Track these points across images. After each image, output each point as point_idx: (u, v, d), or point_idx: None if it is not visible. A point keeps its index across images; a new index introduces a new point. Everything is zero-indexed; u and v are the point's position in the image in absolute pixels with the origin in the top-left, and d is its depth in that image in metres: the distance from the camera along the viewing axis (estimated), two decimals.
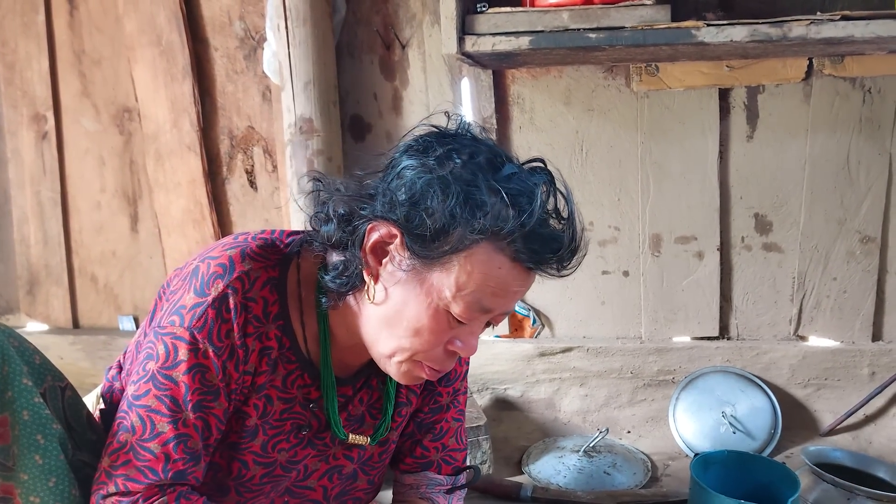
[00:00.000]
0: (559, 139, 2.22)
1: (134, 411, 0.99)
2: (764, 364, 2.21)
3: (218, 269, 1.00)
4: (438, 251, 0.93)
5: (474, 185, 0.93)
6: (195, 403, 0.99)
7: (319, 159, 2.09)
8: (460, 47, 1.83)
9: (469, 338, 1.03)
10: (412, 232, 0.94)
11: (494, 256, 0.94)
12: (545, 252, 0.96)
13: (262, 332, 1.03)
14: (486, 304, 0.97)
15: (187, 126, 2.35)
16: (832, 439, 2.15)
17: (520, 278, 0.97)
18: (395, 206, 0.94)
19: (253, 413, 1.07)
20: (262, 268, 1.03)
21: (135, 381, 1.01)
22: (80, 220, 2.54)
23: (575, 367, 2.27)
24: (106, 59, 2.40)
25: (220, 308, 0.98)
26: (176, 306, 1.00)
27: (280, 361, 1.07)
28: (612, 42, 1.76)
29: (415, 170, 0.95)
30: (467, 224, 0.91)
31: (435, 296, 0.96)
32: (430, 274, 0.96)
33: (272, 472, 1.14)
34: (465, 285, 0.95)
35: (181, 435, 0.98)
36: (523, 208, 0.92)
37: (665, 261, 2.24)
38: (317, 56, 2.06)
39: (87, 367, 2.53)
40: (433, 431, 1.30)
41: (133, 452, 0.98)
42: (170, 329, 0.99)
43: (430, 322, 0.98)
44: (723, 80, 2.10)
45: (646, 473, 2.02)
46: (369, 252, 0.98)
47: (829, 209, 2.14)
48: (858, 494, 1.49)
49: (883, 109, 2.06)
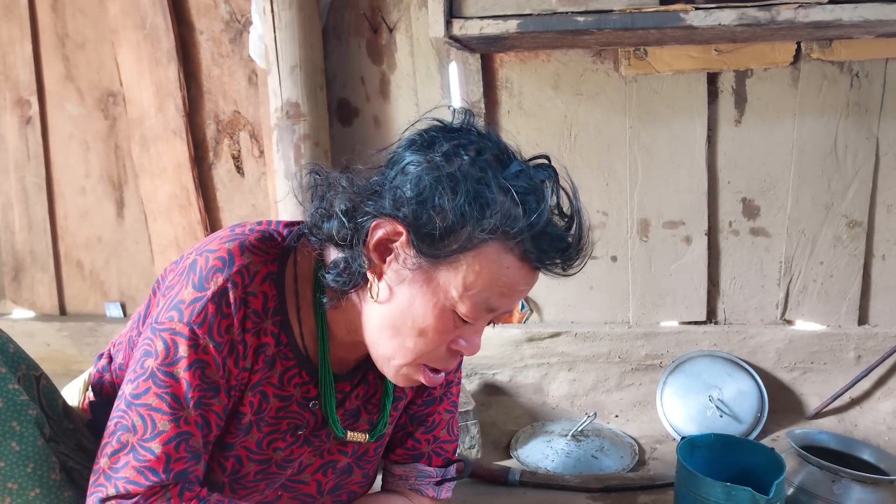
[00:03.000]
0: (547, 124, 2.21)
1: (134, 410, 0.96)
2: (751, 348, 2.22)
3: (217, 263, 0.98)
4: (446, 250, 0.92)
5: (483, 183, 0.91)
6: (196, 400, 0.96)
7: (306, 144, 2.07)
8: (448, 31, 1.81)
9: (473, 337, 1.01)
10: (419, 230, 0.91)
11: (503, 256, 0.93)
12: (553, 251, 0.95)
13: (260, 327, 1.01)
14: (493, 304, 0.96)
15: (173, 110, 2.33)
16: (818, 422, 2.17)
17: (527, 278, 0.96)
18: (402, 204, 0.92)
19: (247, 410, 1.06)
20: (262, 262, 1.01)
21: (132, 380, 0.98)
22: (65, 205, 2.52)
23: (563, 352, 2.28)
24: (90, 43, 2.38)
25: (221, 303, 0.96)
26: (174, 301, 0.97)
27: (277, 358, 1.06)
28: (600, 25, 1.76)
29: (420, 166, 0.93)
30: (477, 223, 0.90)
31: (441, 295, 0.95)
32: (437, 273, 0.94)
33: (267, 470, 1.12)
34: (472, 285, 0.93)
35: (183, 433, 0.96)
36: (532, 207, 0.91)
37: (653, 245, 2.25)
38: (303, 39, 2.05)
39: (74, 353, 2.52)
40: (425, 424, 1.29)
41: (133, 453, 0.95)
42: (168, 325, 0.96)
43: (435, 322, 0.96)
44: (711, 65, 2.10)
45: (633, 457, 2.03)
46: (373, 250, 0.96)
47: (816, 193, 2.15)
48: (843, 477, 1.50)
49: (870, 94, 2.07)
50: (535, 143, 2.21)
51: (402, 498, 1.30)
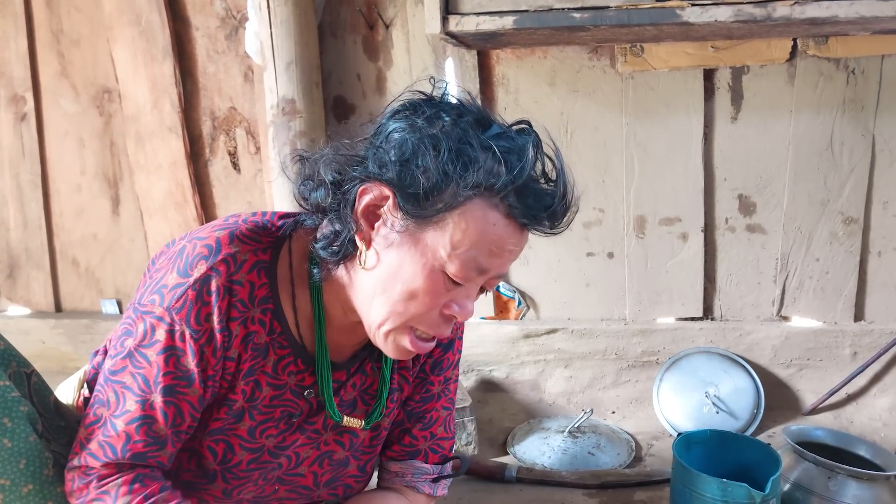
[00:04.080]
0: (544, 120, 2.17)
1: (109, 386, 0.98)
2: (747, 344, 2.22)
3: (203, 251, 0.98)
4: (432, 209, 0.92)
5: (465, 141, 0.93)
6: (165, 387, 0.97)
7: (302, 141, 2.07)
8: (444, 27, 1.81)
9: (465, 301, 1.01)
10: (405, 191, 0.92)
11: (488, 213, 0.93)
12: (538, 207, 0.95)
13: (247, 316, 1.01)
14: (482, 263, 0.96)
15: (168, 107, 2.32)
16: (814, 418, 2.17)
17: (514, 236, 0.97)
18: (386, 166, 0.94)
19: (239, 398, 1.06)
20: (251, 251, 1.01)
21: (112, 357, 1.00)
22: (60, 202, 2.52)
23: (559, 349, 2.28)
24: (85, 39, 2.37)
25: (202, 290, 0.96)
26: (158, 285, 0.98)
27: (271, 346, 1.05)
28: (596, 22, 1.76)
29: (404, 130, 0.95)
30: (460, 180, 0.91)
31: (430, 255, 0.95)
32: (424, 234, 0.94)
33: (259, 458, 1.12)
34: (459, 243, 0.94)
35: (146, 417, 0.97)
36: (514, 164, 0.92)
37: (649, 242, 2.25)
38: (299, 36, 2.04)
39: (70, 350, 2.51)
40: (423, 420, 1.29)
41: (103, 428, 0.97)
42: (149, 308, 0.97)
43: (425, 283, 0.96)
44: (707, 61, 2.10)
45: (630, 453, 2.03)
46: (361, 216, 0.97)
47: (812, 190, 2.15)
48: (839, 473, 1.50)
49: (866, 90, 2.07)
50: None
51: (398, 495, 1.30)
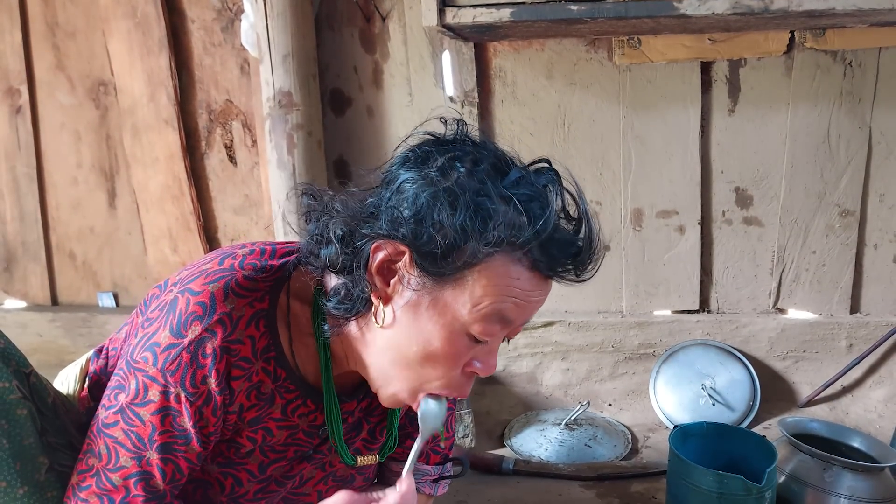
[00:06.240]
0: (541, 113, 2.21)
1: (102, 439, 0.95)
2: (743, 337, 2.22)
3: (197, 309, 0.92)
4: (451, 267, 0.87)
5: (483, 194, 0.87)
6: (161, 445, 0.94)
7: (299, 134, 2.07)
8: (441, 19, 1.80)
9: (487, 357, 0.97)
10: (421, 249, 0.87)
11: (511, 268, 0.89)
12: (564, 257, 0.91)
13: (251, 371, 0.97)
14: (508, 316, 0.92)
15: (164, 100, 2.31)
16: (810, 410, 2.18)
17: (539, 287, 0.93)
18: (401, 224, 0.88)
19: (249, 444, 1.03)
20: (248, 303, 0.95)
21: (106, 407, 0.96)
22: (56, 195, 2.51)
23: (556, 342, 2.28)
24: (80, 32, 2.36)
25: (196, 353, 0.91)
26: (150, 341, 0.93)
27: (277, 393, 1.02)
28: (593, 14, 1.75)
29: (416, 183, 0.89)
30: (480, 237, 0.85)
31: (450, 315, 0.90)
32: (443, 292, 0.90)
33: (266, 488, 1.10)
34: (480, 300, 0.89)
35: (143, 473, 0.94)
36: (537, 214, 0.87)
37: (646, 235, 2.25)
38: (295, 28, 2.03)
39: (67, 344, 2.51)
40: None
41: (97, 478, 0.94)
42: (142, 366, 0.92)
43: (444, 345, 0.92)
44: (705, 54, 2.09)
45: (626, 445, 2.03)
46: (375, 273, 0.92)
47: (808, 183, 2.15)
48: (834, 464, 1.51)
49: (863, 83, 2.07)
50: (529, 132, 2.21)
51: None
